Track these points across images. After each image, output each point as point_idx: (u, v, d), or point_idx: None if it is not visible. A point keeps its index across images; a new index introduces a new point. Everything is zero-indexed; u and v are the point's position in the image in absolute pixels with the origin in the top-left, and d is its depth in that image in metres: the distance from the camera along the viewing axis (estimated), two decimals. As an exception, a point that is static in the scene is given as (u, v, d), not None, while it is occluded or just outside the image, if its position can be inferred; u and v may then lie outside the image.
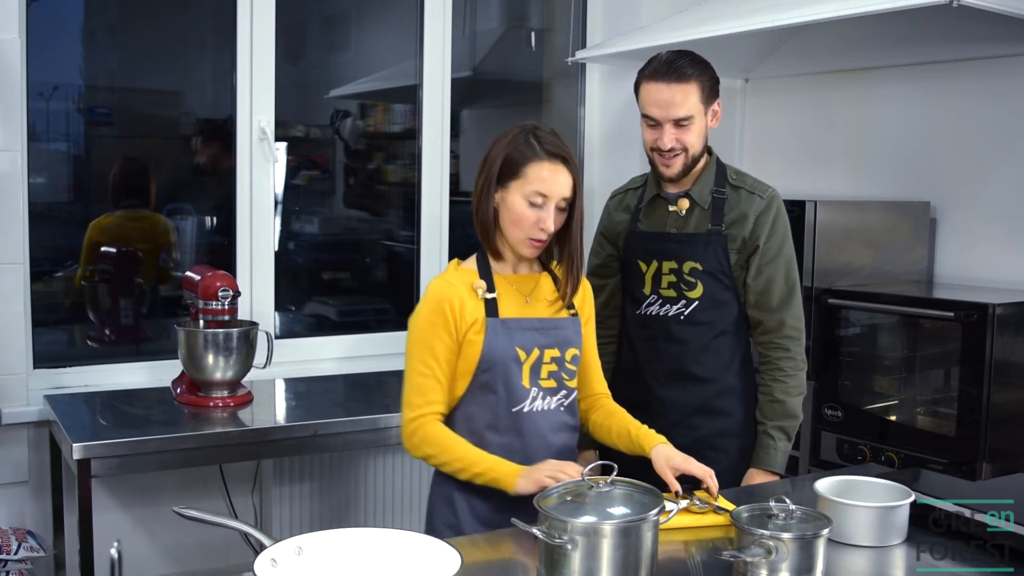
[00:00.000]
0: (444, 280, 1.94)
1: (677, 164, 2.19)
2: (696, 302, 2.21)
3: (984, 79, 3.07)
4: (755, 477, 2.22)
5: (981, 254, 3.10)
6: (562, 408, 1.98)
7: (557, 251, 1.99)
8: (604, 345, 2.42)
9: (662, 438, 1.96)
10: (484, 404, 1.92)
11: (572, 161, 1.91)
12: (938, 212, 3.21)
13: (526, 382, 1.92)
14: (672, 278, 2.22)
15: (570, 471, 1.75)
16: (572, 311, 2.01)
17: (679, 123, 2.15)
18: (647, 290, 2.26)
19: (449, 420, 1.95)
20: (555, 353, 1.95)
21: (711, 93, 2.19)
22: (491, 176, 1.90)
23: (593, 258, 2.44)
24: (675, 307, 2.22)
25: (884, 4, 2.51)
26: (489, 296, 1.92)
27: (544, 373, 1.94)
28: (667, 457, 1.90)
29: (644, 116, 2.20)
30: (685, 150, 2.17)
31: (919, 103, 3.26)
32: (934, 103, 3.21)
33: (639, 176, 2.41)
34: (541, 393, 1.94)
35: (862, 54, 3.35)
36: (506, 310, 1.93)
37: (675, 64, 2.15)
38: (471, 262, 1.98)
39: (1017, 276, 2.97)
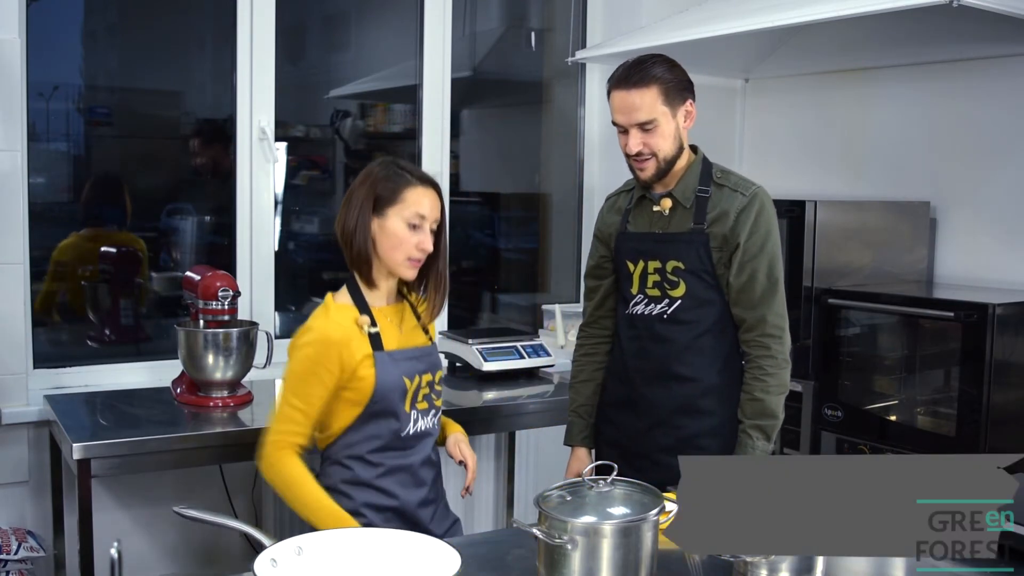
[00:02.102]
0: (331, 321, 2.02)
1: (649, 168, 2.20)
2: (679, 301, 2.21)
3: (984, 79, 3.07)
4: None
5: (981, 254, 3.10)
6: (435, 424, 2.15)
7: (422, 276, 2.13)
8: (597, 345, 2.44)
9: (460, 428, 2.26)
10: (376, 431, 2.03)
11: (439, 187, 2.08)
12: (938, 212, 3.21)
13: (407, 407, 2.06)
14: (656, 277, 2.23)
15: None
16: (430, 337, 2.18)
17: (644, 127, 2.16)
18: (634, 290, 2.27)
19: (334, 445, 2.06)
20: (429, 378, 2.11)
21: (677, 94, 2.18)
22: (365, 208, 2.01)
23: (589, 260, 2.46)
24: (659, 306, 2.23)
25: (884, 4, 2.51)
26: (373, 331, 2.02)
27: (420, 397, 2.08)
28: (456, 441, 2.20)
29: (613, 123, 2.22)
30: (654, 154, 2.18)
31: (919, 103, 3.26)
32: (934, 103, 3.21)
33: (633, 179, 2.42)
34: (420, 415, 2.09)
35: (862, 54, 3.35)
36: (388, 342, 2.05)
37: (634, 69, 2.16)
38: (345, 297, 2.07)
39: (1017, 276, 2.97)
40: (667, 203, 2.24)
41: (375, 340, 2.02)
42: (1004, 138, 3.03)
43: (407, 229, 2.01)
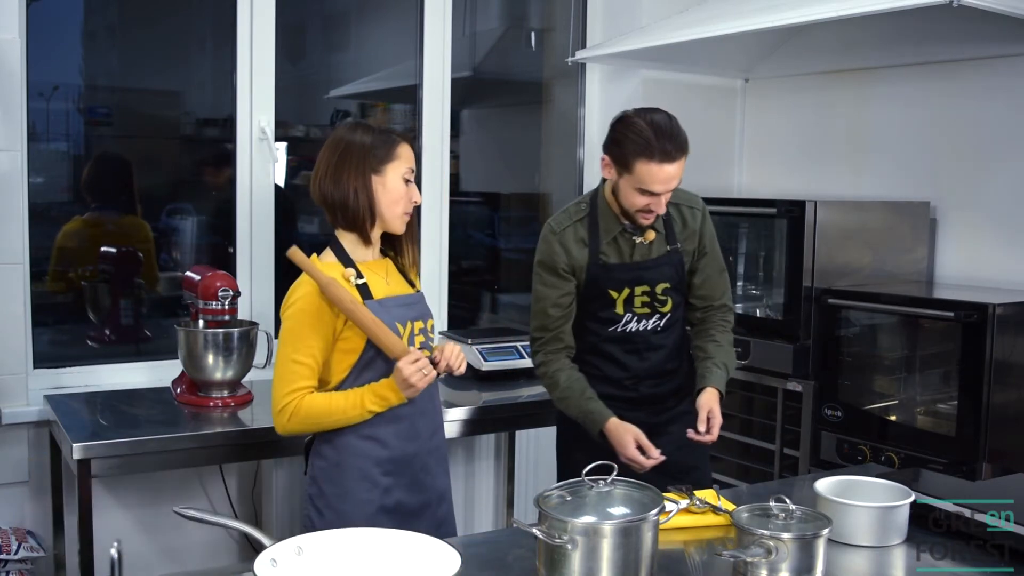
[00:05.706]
0: None
1: (652, 217, 2.30)
2: (668, 314, 2.40)
3: (984, 79, 3.07)
4: (708, 396, 2.29)
5: (981, 254, 3.10)
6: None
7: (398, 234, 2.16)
8: (568, 360, 2.41)
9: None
10: (374, 377, 2.05)
11: None
12: (938, 212, 3.21)
13: None
14: (645, 298, 2.37)
15: (422, 360, 2.00)
16: (416, 288, 2.22)
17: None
18: (620, 311, 2.37)
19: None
20: (421, 324, 2.15)
21: None
22: (362, 168, 2.06)
23: (549, 292, 2.36)
24: (651, 321, 2.39)
25: (884, 4, 2.51)
26: (360, 281, 2.07)
27: (416, 344, 2.12)
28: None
29: (643, 190, 2.20)
30: None
31: (919, 103, 3.26)
32: (934, 103, 3.21)
33: (574, 205, 2.40)
34: None
35: (862, 54, 3.35)
36: (376, 292, 2.09)
37: (672, 141, 2.16)
38: (330, 256, 2.11)
39: (1017, 276, 2.97)
40: (651, 235, 2.37)
41: (363, 290, 2.06)
42: (1004, 138, 3.03)
43: (402, 184, 2.08)
